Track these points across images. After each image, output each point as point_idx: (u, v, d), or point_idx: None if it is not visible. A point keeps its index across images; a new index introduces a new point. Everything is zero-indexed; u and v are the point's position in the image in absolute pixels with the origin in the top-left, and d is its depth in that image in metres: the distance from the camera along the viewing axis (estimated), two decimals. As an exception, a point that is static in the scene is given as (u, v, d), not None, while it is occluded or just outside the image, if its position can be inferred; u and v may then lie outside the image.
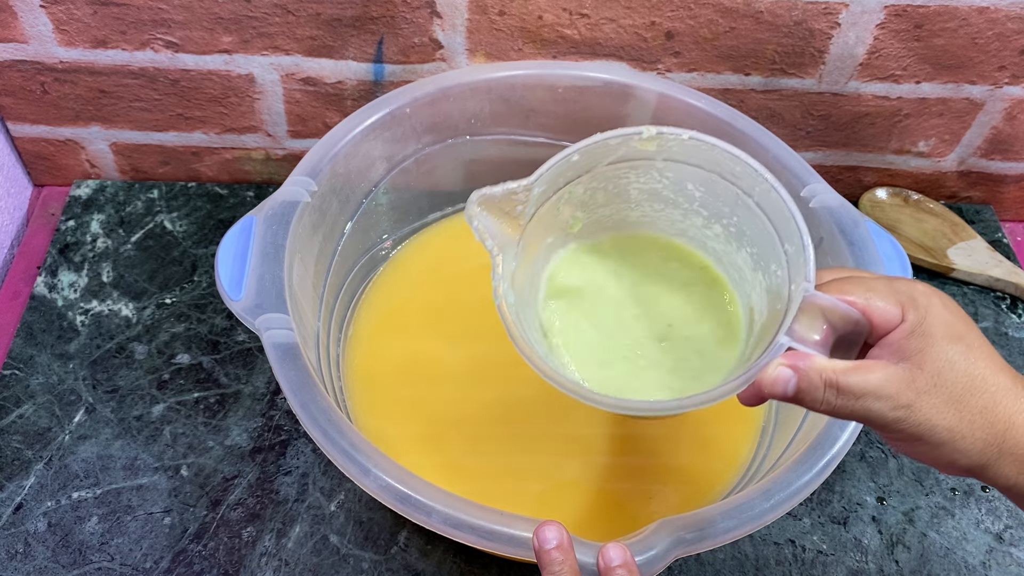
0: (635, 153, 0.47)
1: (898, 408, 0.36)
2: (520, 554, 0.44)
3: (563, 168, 0.47)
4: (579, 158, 0.46)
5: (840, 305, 0.38)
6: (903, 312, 0.37)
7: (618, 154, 0.47)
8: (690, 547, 0.45)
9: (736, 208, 0.48)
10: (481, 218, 0.45)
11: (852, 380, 0.37)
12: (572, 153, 0.46)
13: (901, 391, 0.36)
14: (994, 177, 0.82)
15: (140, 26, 0.69)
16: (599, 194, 0.50)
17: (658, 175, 0.49)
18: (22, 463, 0.63)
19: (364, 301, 0.69)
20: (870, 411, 0.37)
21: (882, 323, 0.38)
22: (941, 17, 0.68)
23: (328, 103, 0.75)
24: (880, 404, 0.36)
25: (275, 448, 0.64)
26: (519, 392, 0.65)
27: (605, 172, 0.49)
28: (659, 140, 0.46)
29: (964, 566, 0.62)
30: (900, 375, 0.36)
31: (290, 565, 0.59)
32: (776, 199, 0.44)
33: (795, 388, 0.38)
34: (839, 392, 0.37)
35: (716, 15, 0.68)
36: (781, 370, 0.38)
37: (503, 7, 0.68)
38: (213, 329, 0.70)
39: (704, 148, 0.45)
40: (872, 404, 0.36)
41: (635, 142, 0.46)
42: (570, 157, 0.46)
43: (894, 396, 0.36)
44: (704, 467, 0.62)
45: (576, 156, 0.46)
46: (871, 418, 0.37)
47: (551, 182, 0.47)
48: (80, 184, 0.80)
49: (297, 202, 0.57)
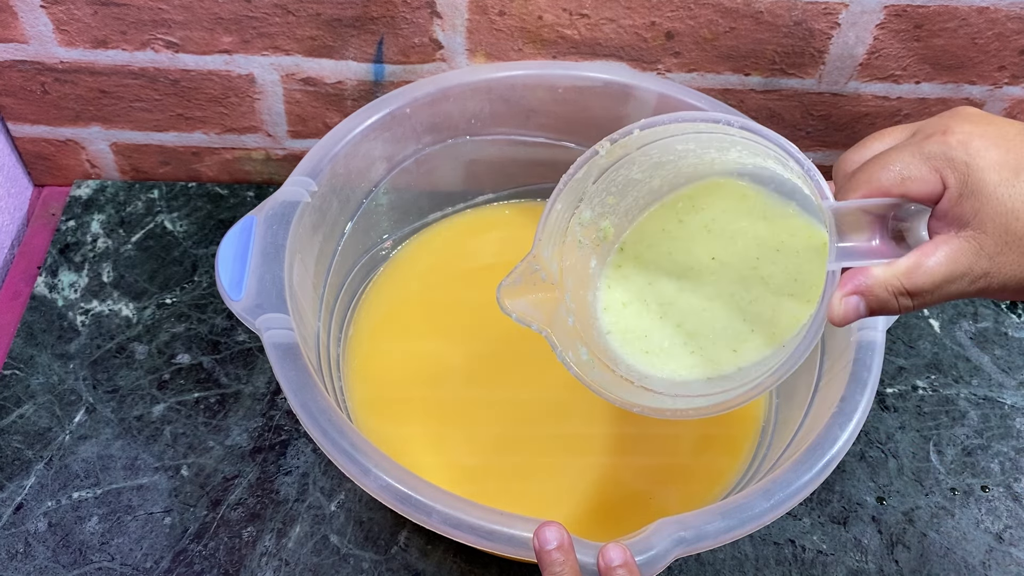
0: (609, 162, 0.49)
1: (976, 280, 0.34)
2: (520, 554, 0.44)
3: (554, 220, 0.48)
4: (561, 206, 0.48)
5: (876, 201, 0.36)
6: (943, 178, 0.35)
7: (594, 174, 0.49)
8: (690, 547, 0.45)
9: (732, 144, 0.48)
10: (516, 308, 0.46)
11: (919, 279, 0.35)
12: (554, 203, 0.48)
13: (973, 263, 0.34)
14: (994, 177, 0.82)
15: (140, 26, 0.69)
16: (608, 198, 0.51)
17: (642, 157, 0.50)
18: (22, 463, 0.63)
19: (364, 301, 0.69)
20: (951, 293, 0.35)
21: (925, 196, 0.36)
22: (941, 17, 0.68)
23: (328, 103, 0.75)
24: (957, 285, 0.35)
25: (275, 448, 0.64)
26: (519, 392, 0.65)
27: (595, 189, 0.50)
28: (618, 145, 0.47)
29: (964, 566, 0.62)
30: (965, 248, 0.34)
31: (290, 565, 0.59)
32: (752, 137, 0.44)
33: (867, 309, 0.36)
34: (912, 295, 0.35)
35: (716, 15, 0.68)
36: (845, 300, 0.37)
37: (503, 7, 0.68)
38: (213, 329, 0.70)
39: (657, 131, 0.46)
40: (951, 288, 0.35)
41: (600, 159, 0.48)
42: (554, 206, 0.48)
43: (967, 272, 0.34)
44: (704, 467, 0.62)
45: (559, 204, 0.48)
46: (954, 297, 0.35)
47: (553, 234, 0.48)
48: (80, 184, 0.80)
49: (297, 202, 0.57)
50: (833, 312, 0.37)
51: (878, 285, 0.36)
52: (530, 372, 0.65)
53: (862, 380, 0.51)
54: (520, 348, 0.67)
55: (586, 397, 0.64)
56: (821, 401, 0.54)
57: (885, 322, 0.51)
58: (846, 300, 0.37)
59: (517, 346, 0.67)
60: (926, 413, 0.69)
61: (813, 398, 0.56)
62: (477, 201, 0.74)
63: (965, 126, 0.35)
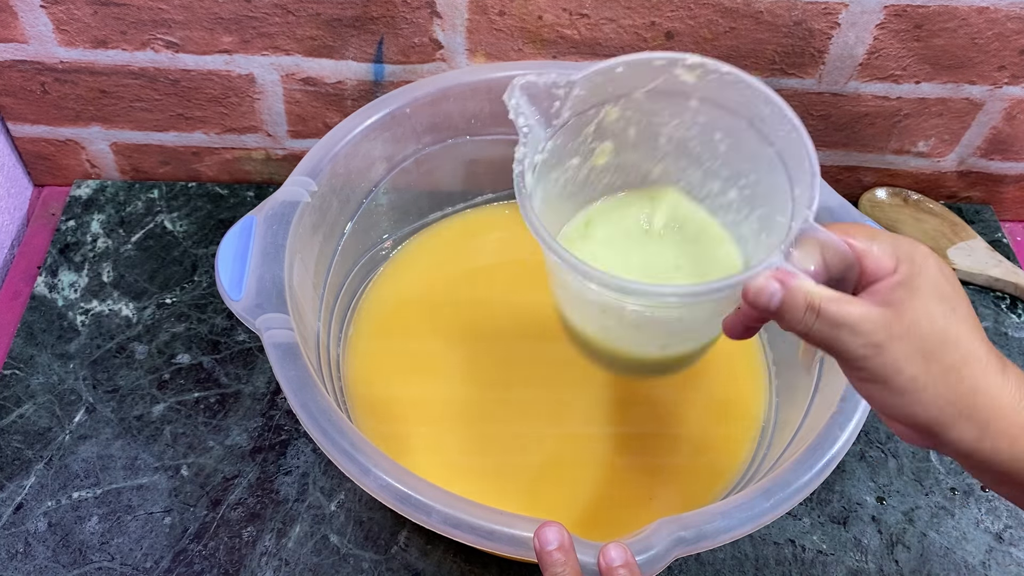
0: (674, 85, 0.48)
1: (868, 346, 0.36)
2: (520, 554, 0.44)
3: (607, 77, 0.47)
4: (623, 70, 0.47)
5: (837, 242, 0.39)
6: (897, 265, 0.38)
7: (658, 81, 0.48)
8: (690, 547, 0.45)
9: (757, 163, 0.49)
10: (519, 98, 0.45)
11: (833, 308, 0.37)
12: (617, 64, 0.47)
13: (876, 330, 0.36)
14: (994, 177, 0.83)
15: (140, 26, 0.69)
16: (631, 129, 0.51)
17: (691, 118, 0.50)
18: (22, 463, 0.63)
19: (364, 301, 0.69)
20: (842, 343, 0.37)
21: (874, 270, 0.38)
22: (941, 17, 0.68)
23: (328, 103, 0.75)
24: (853, 338, 0.37)
25: (275, 448, 0.64)
26: (519, 392, 0.65)
27: (642, 103, 0.49)
28: (701, 70, 0.47)
29: (964, 566, 0.62)
30: (879, 316, 0.37)
31: (290, 565, 0.59)
32: (796, 140, 0.45)
33: (779, 302, 0.38)
34: (818, 317, 0.37)
35: (716, 15, 0.68)
36: (769, 282, 0.39)
37: (503, 7, 0.68)
38: (213, 329, 0.70)
39: (740, 86, 0.47)
40: (845, 336, 0.37)
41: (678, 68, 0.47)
42: (615, 68, 0.47)
43: (868, 333, 0.36)
44: (704, 467, 0.62)
45: (620, 68, 0.47)
46: (841, 349, 0.37)
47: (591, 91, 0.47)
48: (80, 184, 0.80)
49: (297, 202, 0.57)
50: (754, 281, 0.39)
51: (801, 288, 0.38)
52: (530, 372, 0.65)
53: (862, 380, 0.51)
54: (520, 348, 0.67)
55: (587, 397, 0.64)
56: (821, 401, 0.54)
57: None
58: (768, 281, 0.39)
59: (517, 346, 0.67)
60: (926, 413, 0.69)
61: (813, 398, 0.56)
62: (477, 201, 0.74)
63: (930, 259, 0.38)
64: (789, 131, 0.46)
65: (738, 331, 0.44)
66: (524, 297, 0.68)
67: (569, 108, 0.47)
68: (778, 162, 0.47)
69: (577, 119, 0.48)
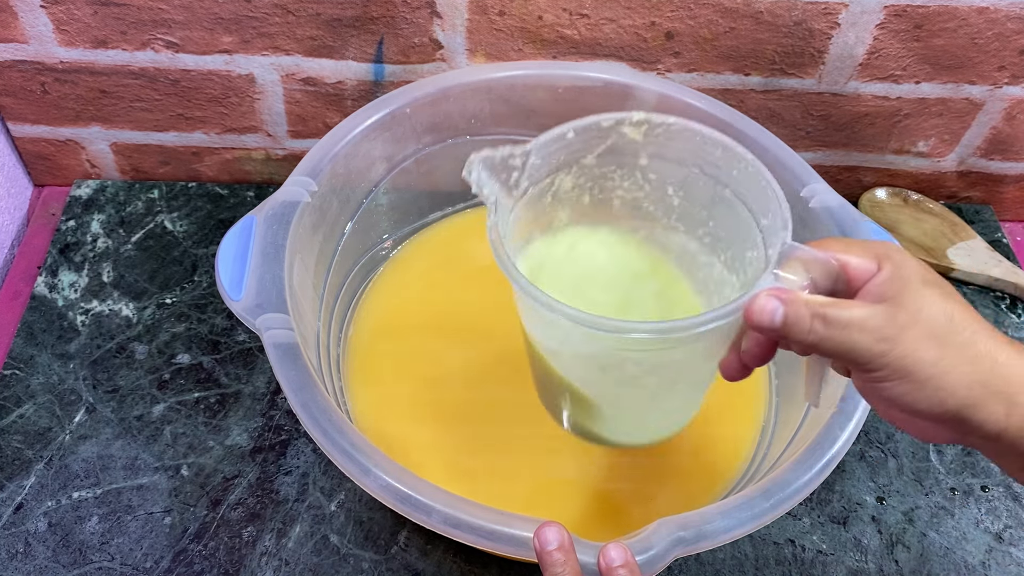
0: (622, 145, 0.48)
1: (882, 340, 0.36)
2: (520, 554, 0.44)
3: (559, 144, 0.47)
4: (574, 136, 0.47)
5: (820, 256, 0.39)
6: (879, 264, 0.38)
7: (607, 143, 0.48)
8: (690, 547, 0.45)
9: (713, 208, 0.49)
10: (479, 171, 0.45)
11: (838, 312, 0.37)
12: (568, 130, 0.47)
13: (884, 325, 0.36)
14: (994, 177, 0.83)
15: (140, 26, 0.69)
16: (585, 196, 0.51)
17: (641, 177, 0.50)
18: (22, 463, 0.63)
19: (364, 301, 0.69)
20: (855, 343, 0.37)
21: (859, 275, 0.39)
22: (941, 17, 0.68)
23: (328, 103, 0.75)
24: (864, 336, 0.36)
25: (275, 448, 0.64)
26: (519, 392, 0.65)
27: (593, 168, 0.50)
28: (646, 126, 0.47)
29: (964, 566, 0.62)
30: (882, 311, 0.37)
31: (290, 565, 0.59)
32: (753, 174, 0.45)
33: (782, 317, 0.38)
34: (825, 322, 0.37)
35: (716, 15, 0.68)
36: (769, 299, 0.38)
37: (503, 7, 0.68)
38: (213, 329, 0.70)
39: (687, 134, 0.47)
40: (856, 336, 0.37)
41: (625, 126, 0.47)
42: (566, 134, 0.47)
43: (878, 329, 0.36)
44: (704, 467, 0.62)
45: (571, 133, 0.47)
46: (856, 352, 0.37)
47: (545, 160, 0.48)
48: (80, 184, 0.80)
49: (297, 202, 0.57)
50: (753, 303, 0.39)
51: (800, 301, 0.38)
52: (530, 372, 0.65)
53: (862, 380, 0.51)
54: (520, 348, 0.67)
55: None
56: (821, 401, 0.54)
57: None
58: (768, 299, 0.38)
59: (517, 346, 0.67)
60: (926, 413, 0.69)
61: (813, 398, 0.56)
62: (477, 201, 0.74)
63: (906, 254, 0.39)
64: (744, 167, 0.46)
65: (735, 369, 0.44)
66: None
67: (527, 178, 0.47)
68: (736, 201, 0.47)
69: (535, 189, 0.48)
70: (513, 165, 0.46)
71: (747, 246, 0.47)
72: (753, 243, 0.46)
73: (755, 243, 0.46)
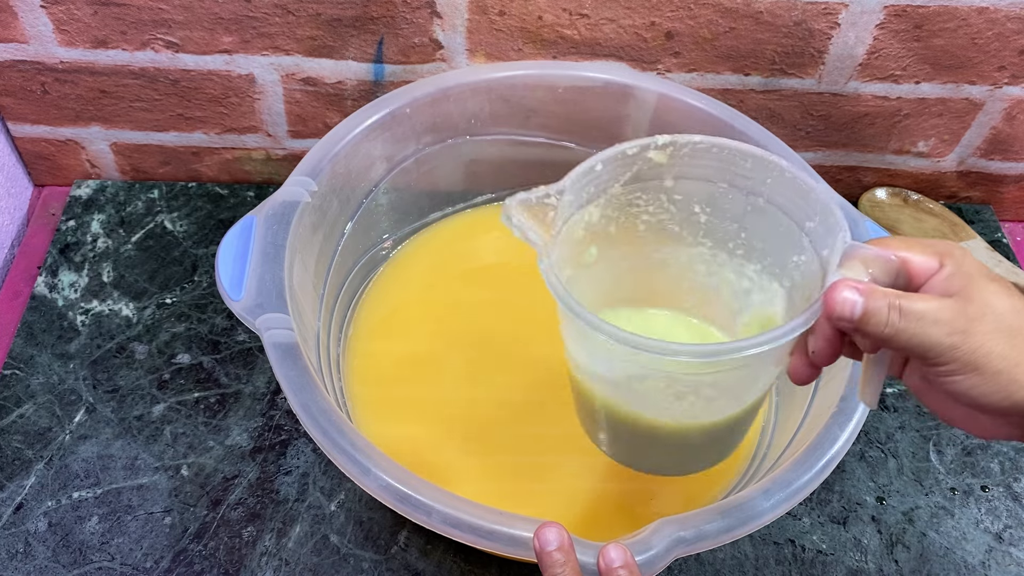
0: (648, 170, 0.48)
1: (954, 333, 0.36)
2: (520, 554, 0.44)
3: (588, 178, 0.47)
4: (601, 167, 0.47)
5: (881, 253, 0.39)
6: (940, 261, 0.39)
7: (632, 171, 0.48)
8: (690, 547, 0.45)
9: (745, 219, 0.49)
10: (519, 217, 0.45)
11: (911, 303, 0.37)
12: (596, 163, 0.47)
13: (955, 317, 0.36)
14: (994, 177, 0.83)
15: (140, 26, 0.69)
16: (612, 225, 0.51)
17: (666, 199, 0.50)
18: (22, 463, 0.63)
19: (364, 301, 0.69)
20: (928, 335, 0.37)
21: (920, 272, 0.39)
22: (941, 17, 0.68)
23: (328, 103, 0.75)
24: (937, 329, 0.36)
25: (275, 448, 0.64)
26: (519, 392, 0.65)
27: (618, 197, 0.49)
28: (672, 148, 0.47)
29: (964, 566, 0.62)
30: (951, 304, 0.37)
31: (290, 565, 0.59)
32: (791, 180, 0.45)
33: (863, 309, 0.38)
34: (902, 314, 0.37)
35: (716, 15, 0.68)
36: (848, 292, 0.38)
37: (503, 7, 0.68)
38: (213, 329, 0.70)
39: (714, 151, 0.47)
40: (930, 329, 0.37)
41: (650, 151, 0.47)
42: (594, 167, 0.47)
43: (950, 321, 0.36)
44: (704, 467, 0.62)
45: (599, 166, 0.47)
46: (929, 344, 0.37)
47: (576, 194, 0.47)
48: (80, 184, 0.80)
49: (297, 202, 0.57)
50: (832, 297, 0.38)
51: (879, 292, 0.38)
52: (530, 372, 0.65)
53: (862, 380, 0.51)
54: (520, 348, 0.67)
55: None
56: (821, 401, 0.54)
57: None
58: (848, 292, 0.38)
59: (517, 346, 0.67)
60: (926, 413, 0.69)
61: (813, 398, 0.56)
62: (477, 201, 0.74)
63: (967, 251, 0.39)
64: (778, 175, 0.46)
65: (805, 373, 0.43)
66: (524, 297, 0.68)
67: (562, 215, 0.47)
68: (772, 208, 0.47)
69: (566, 226, 0.48)
70: (549, 204, 0.45)
71: (790, 252, 0.47)
72: (798, 248, 0.46)
73: (800, 247, 0.46)
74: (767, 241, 0.49)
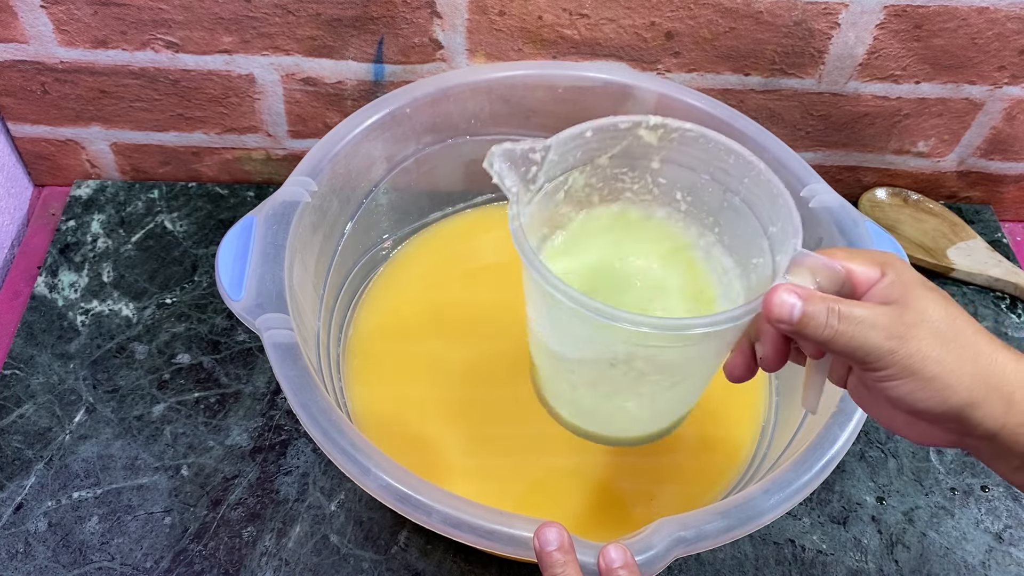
0: (637, 147, 0.49)
1: (892, 338, 0.37)
2: (520, 554, 0.44)
3: (576, 142, 0.48)
4: (591, 135, 0.48)
5: (828, 262, 0.40)
6: (882, 271, 0.40)
7: (622, 145, 0.49)
8: (690, 547, 0.45)
9: (720, 215, 0.50)
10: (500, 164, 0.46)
11: (850, 308, 0.38)
12: (586, 129, 0.48)
13: (893, 323, 0.38)
14: (994, 177, 0.83)
15: (140, 26, 0.69)
16: (594, 195, 0.51)
17: (651, 181, 0.51)
18: (22, 463, 0.63)
19: (364, 301, 0.69)
20: (867, 339, 0.38)
21: (863, 281, 0.40)
22: (941, 17, 0.68)
23: (328, 103, 0.75)
24: (876, 333, 0.38)
25: (275, 448, 0.64)
26: (519, 391, 0.65)
27: (605, 169, 0.50)
28: (662, 130, 0.48)
29: (964, 566, 0.62)
30: (890, 311, 0.38)
31: (290, 565, 0.59)
32: (765, 183, 0.46)
33: (801, 312, 0.39)
34: (841, 318, 0.38)
35: (716, 15, 0.68)
36: (787, 295, 0.39)
37: (503, 7, 0.68)
38: (213, 329, 0.70)
39: (701, 141, 0.48)
40: (869, 332, 0.38)
41: (642, 129, 0.48)
42: (584, 132, 0.48)
43: (887, 326, 0.38)
44: (704, 467, 0.62)
45: (589, 132, 0.48)
46: (867, 348, 0.38)
47: (562, 157, 0.48)
48: (80, 184, 0.80)
49: (297, 202, 0.57)
50: (771, 297, 0.39)
51: (817, 296, 0.39)
52: (530, 372, 0.65)
53: (862, 380, 0.51)
54: (520, 347, 0.67)
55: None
56: (821, 401, 0.54)
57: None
58: (788, 294, 0.39)
59: (517, 345, 0.67)
60: (926, 413, 0.69)
61: (813, 398, 0.56)
62: (477, 201, 0.74)
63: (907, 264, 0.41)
64: (755, 176, 0.47)
65: (740, 371, 0.45)
66: (524, 297, 0.68)
67: (544, 174, 0.48)
68: (744, 209, 0.48)
69: (550, 185, 0.49)
70: (533, 159, 0.47)
71: (752, 253, 0.48)
72: (759, 250, 0.47)
73: (761, 250, 0.47)
74: (735, 240, 0.50)
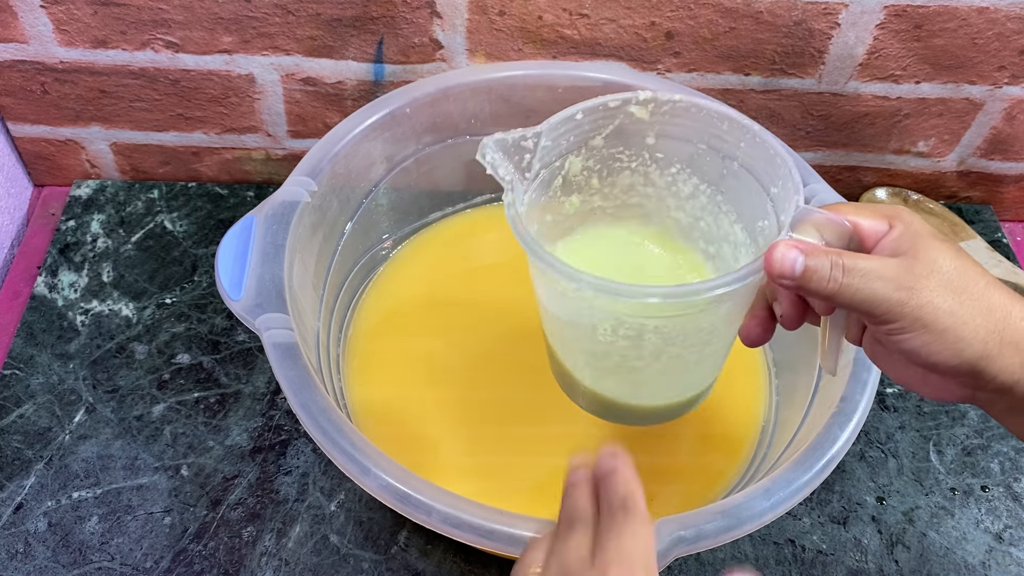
0: (630, 124, 0.49)
1: (901, 289, 0.36)
2: (520, 554, 0.44)
3: (568, 126, 0.48)
4: (582, 116, 0.48)
5: (833, 217, 0.40)
6: (890, 223, 0.39)
7: (615, 124, 0.49)
8: (690, 546, 0.45)
9: (722, 183, 0.50)
10: (493, 154, 0.45)
11: (855, 260, 0.37)
12: (576, 111, 0.48)
13: (902, 274, 0.37)
14: (994, 177, 0.83)
15: (140, 26, 0.69)
16: (593, 179, 0.51)
17: (648, 157, 0.51)
18: (22, 463, 0.63)
19: (364, 301, 0.69)
20: (875, 291, 0.37)
21: (871, 235, 0.39)
22: (941, 17, 0.68)
23: (328, 103, 0.75)
24: (884, 284, 0.37)
25: (275, 448, 0.64)
26: (519, 392, 0.65)
27: (601, 150, 0.50)
28: (653, 104, 0.48)
29: (964, 566, 0.62)
30: (899, 262, 0.37)
31: (290, 565, 0.59)
32: (760, 144, 0.46)
33: (803, 267, 0.38)
34: (845, 271, 0.37)
35: (716, 15, 0.68)
36: (789, 249, 0.38)
37: (503, 7, 0.68)
38: (213, 329, 0.70)
39: (693, 110, 0.48)
40: (875, 284, 0.37)
41: (632, 106, 0.48)
42: (575, 115, 0.48)
43: (895, 278, 0.37)
44: (704, 467, 0.62)
45: (580, 114, 0.48)
46: (875, 300, 0.37)
47: (555, 142, 0.48)
48: (80, 184, 0.80)
49: (297, 202, 0.57)
50: (773, 253, 0.39)
51: (820, 250, 0.38)
52: (530, 372, 0.65)
53: (862, 380, 0.51)
54: (520, 348, 0.67)
55: (586, 397, 0.64)
56: (821, 401, 0.54)
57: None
58: (788, 249, 0.38)
59: (517, 346, 0.67)
60: (926, 413, 0.69)
61: (813, 398, 0.56)
62: (477, 201, 0.74)
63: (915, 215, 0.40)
64: (751, 138, 0.47)
65: (756, 333, 0.44)
66: (524, 297, 0.68)
67: (538, 160, 0.48)
68: (744, 173, 0.48)
69: (546, 172, 0.49)
70: (525, 147, 0.47)
71: (758, 216, 0.48)
72: (764, 212, 0.47)
73: (766, 212, 0.46)
74: (740, 205, 0.50)
